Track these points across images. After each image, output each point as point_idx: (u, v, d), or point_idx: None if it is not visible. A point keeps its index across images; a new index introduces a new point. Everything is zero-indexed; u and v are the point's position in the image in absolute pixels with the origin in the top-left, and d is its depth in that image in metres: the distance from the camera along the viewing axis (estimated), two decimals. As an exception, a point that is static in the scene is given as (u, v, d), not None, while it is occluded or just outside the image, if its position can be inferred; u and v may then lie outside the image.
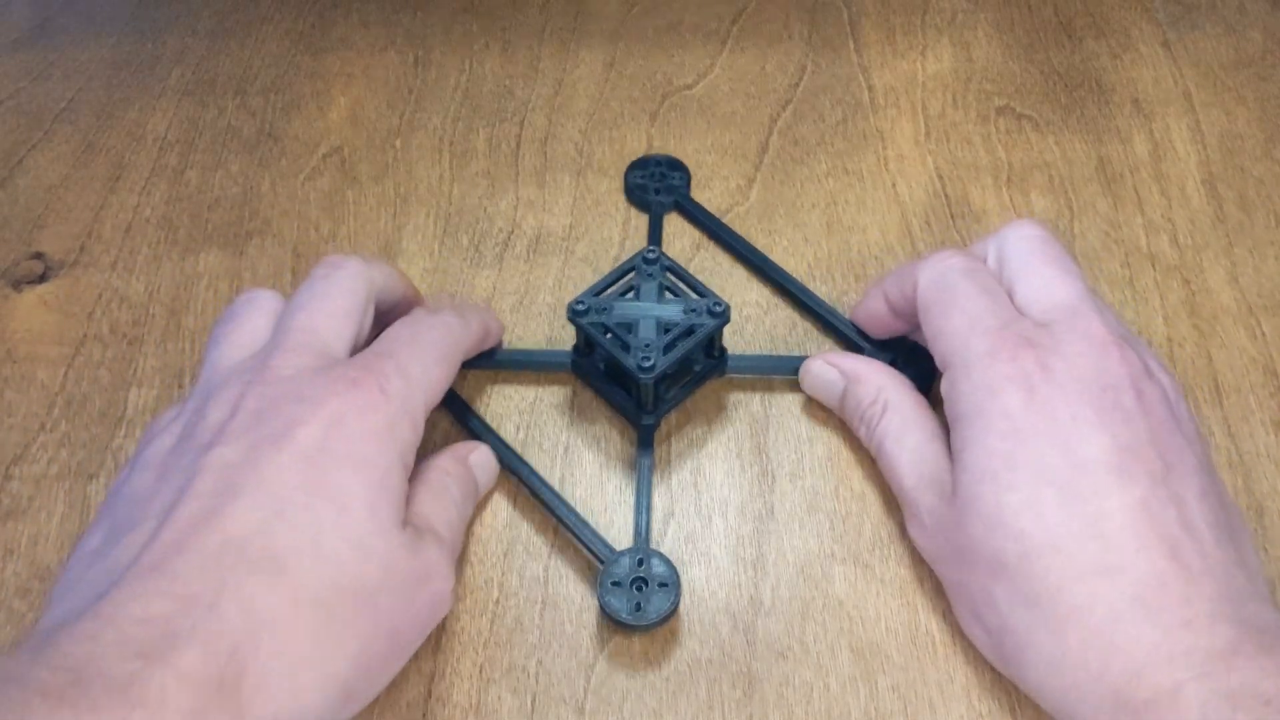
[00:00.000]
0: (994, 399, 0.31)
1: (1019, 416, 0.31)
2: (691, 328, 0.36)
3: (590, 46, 0.53)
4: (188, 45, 0.54)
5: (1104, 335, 0.32)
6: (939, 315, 0.34)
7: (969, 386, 0.32)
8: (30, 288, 0.44)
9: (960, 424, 0.32)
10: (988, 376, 0.32)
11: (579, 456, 0.38)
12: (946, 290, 0.35)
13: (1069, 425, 0.30)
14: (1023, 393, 0.31)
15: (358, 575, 0.28)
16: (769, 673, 0.33)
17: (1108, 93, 0.49)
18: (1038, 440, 0.30)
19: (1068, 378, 0.31)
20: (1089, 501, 0.29)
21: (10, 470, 0.39)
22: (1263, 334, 0.41)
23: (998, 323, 0.33)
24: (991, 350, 0.32)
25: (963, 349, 0.33)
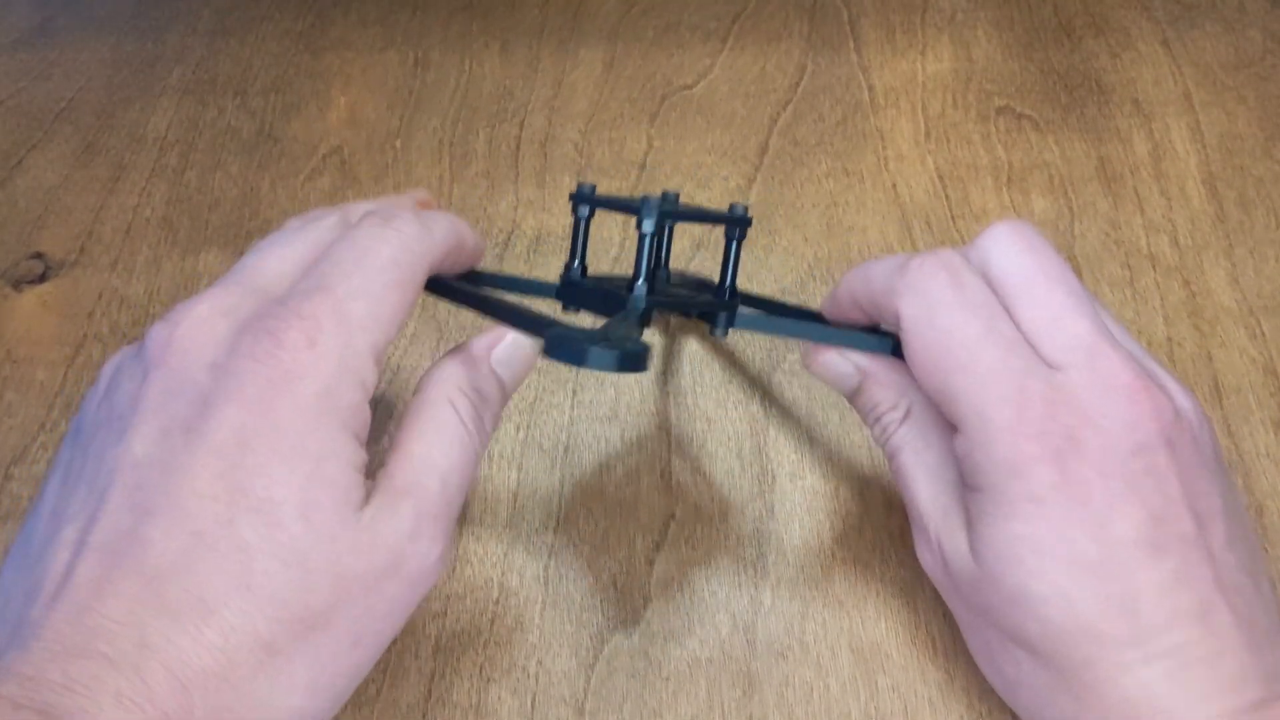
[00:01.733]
0: (1019, 480, 0.28)
1: (1047, 501, 0.28)
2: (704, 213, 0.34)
3: (589, 47, 0.53)
4: (188, 45, 0.54)
5: (1130, 382, 0.28)
6: (935, 370, 0.29)
7: (989, 462, 0.28)
8: (30, 288, 0.44)
9: (979, 495, 0.29)
10: (1011, 455, 0.28)
11: (579, 457, 0.38)
12: (943, 336, 0.29)
13: (1101, 504, 0.27)
14: (1052, 473, 0.27)
15: (299, 602, 0.24)
16: (769, 673, 0.33)
17: (1108, 92, 0.49)
18: (1067, 525, 0.27)
19: (1098, 449, 0.28)
20: (1120, 581, 0.27)
21: (10, 470, 0.39)
22: (1263, 334, 0.41)
23: (1014, 384, 0.28)
24: (1013, 423, 0.28)
25: (976, 418, 0.28)
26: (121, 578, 0.23)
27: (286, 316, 0.25)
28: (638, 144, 0.48)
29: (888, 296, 0.30)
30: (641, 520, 0.37)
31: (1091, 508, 0.28)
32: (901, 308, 0.30)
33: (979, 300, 0.29)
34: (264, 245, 0.30)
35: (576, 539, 0.36)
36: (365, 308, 0.26)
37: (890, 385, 0.32)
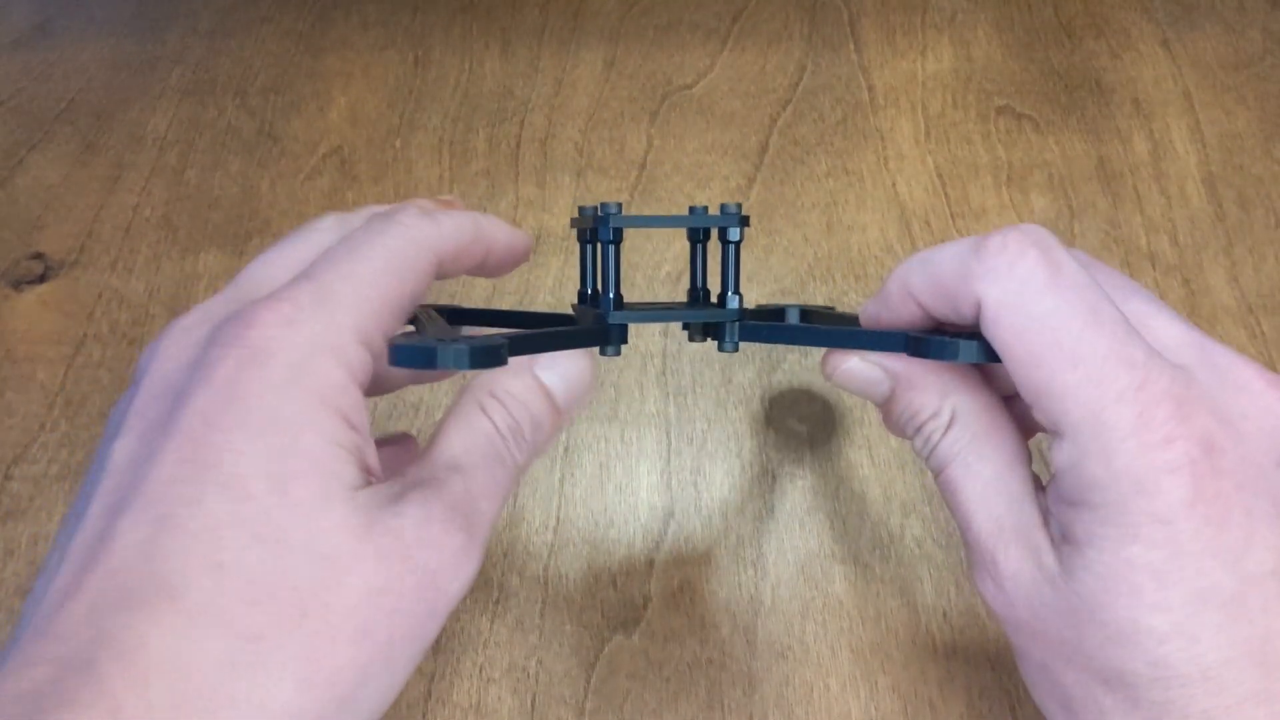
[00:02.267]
0: (1144, 497, 0.23)
1: (1180, 522, 0.23)
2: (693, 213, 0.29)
3: (590, 46, 0.53)
4: (188, 45, 0.54)
5: (1261, 380, 0.25)
6: (1035, 366, 0.24)
7: (1106, 474, 0.23)
8: (30, 288, 0.44)
9: (1087, 512, 0.24)
10: (1136, 466, 0.23)
11: (579, 457, 0.38)
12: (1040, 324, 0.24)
13: (1241, 527, 0.23)
14: (1187, 489, 0.23)
15: (279, 582, 0.21)
16: (769, 673, 0.33)
17: (1107, 92, 0.49)
18: (1200, 551, 0.23)
19: (1239, 459, 0.24)
20: (1256, 622, 0.23)
21: (10, 470, 0.39)
22: (1262, 333, 0.41)
23: (1134, 376, 0.23)
24: (1138, 423, 0.23)
25: (1090, 421, 0.24)
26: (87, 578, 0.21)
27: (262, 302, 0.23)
28: (638, 143, 0.48)
29: (962, 282, 0.25)
30: (641, 520, 0.37)
31: (1230, 532, 0.23)
32: (983, 293, 0.24)
33: (1081, 280, 0.24)
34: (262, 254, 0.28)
35: (576, 539, 0.36)
36: (351, 289, 0.24)
37: (929, 389, 0.28)
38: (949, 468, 0.27)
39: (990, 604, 0.27)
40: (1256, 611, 0.23)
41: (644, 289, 0.43)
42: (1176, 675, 0.23)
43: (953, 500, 0.27)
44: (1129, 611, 0.23)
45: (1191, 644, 0.23)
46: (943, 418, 0.27)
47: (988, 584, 0.26)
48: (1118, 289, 0.26)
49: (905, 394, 0.28)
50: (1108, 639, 0.24)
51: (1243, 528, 0.23)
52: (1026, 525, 0.26)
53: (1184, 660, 0.23)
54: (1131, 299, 0.26)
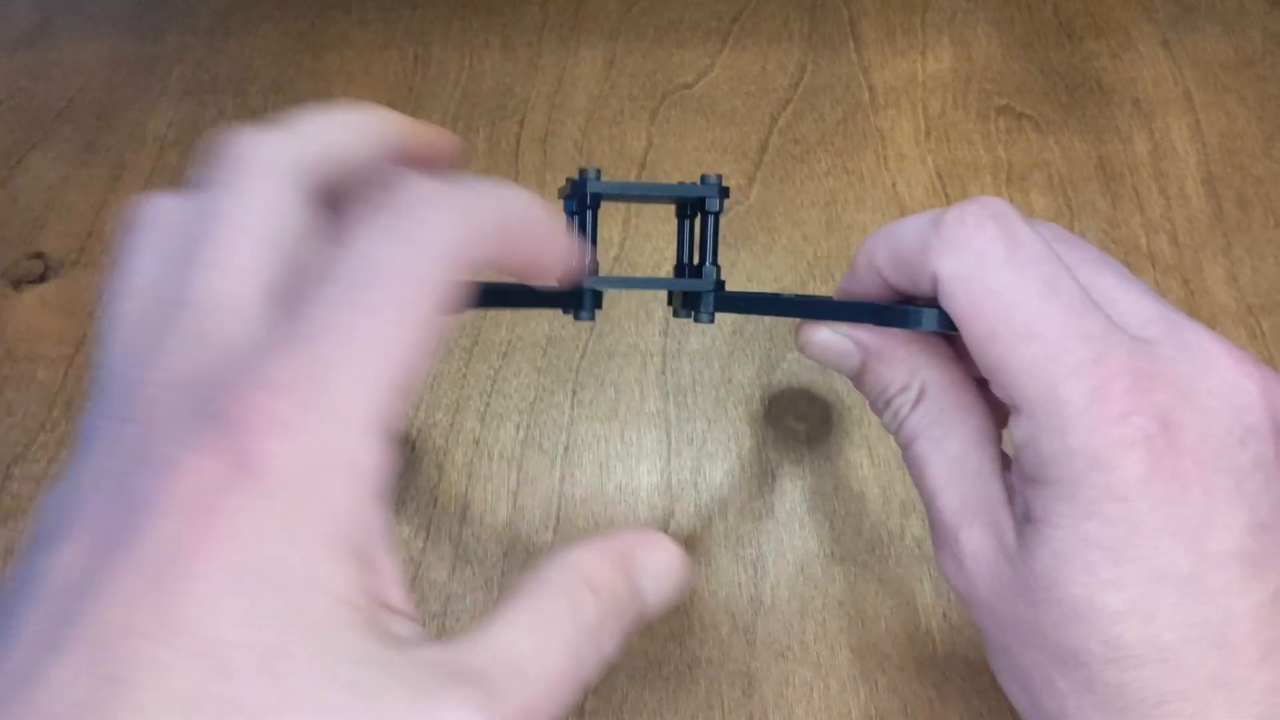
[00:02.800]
0: (1100, 473, 0.23)
1: (1136, 499, 0.22)
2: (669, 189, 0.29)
3: (590, 44, 0.53)
4: (188, 45, 0.54)
5: (1228, 356, 0.24)
6: (990, 340, 0.24)
7: (1062, 451, 0.23)
8: (30, 288, 0.44)
9: (1046, 488, 0.23)
10: (1091, 442, 0.23)
11: (579, 457, 0.38)
12: (996, 297, 0.23)
13: (1201, 505, 0.23)
14: (1142, 465, 0.22)
15: None
16: (769, 672, 0.33)
17: (1108, 92, 0.49)
18: (1157, 528, 0.23)
19: (1200, 435, 0.23)
20: (1214, 602, 0.23)
21: (10, 470, 0.39)
22: (1262, 333, 0.41)
23: (1089, 349, 0.23)
24: (1094, 397, 0.23)
25: (1045, 396, 0.23)
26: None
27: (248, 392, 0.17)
28: (638, 142, 0.48)
29: (921, 255, 0.24)
30: (641, 520, 0.37)
31: (1188, 509, 0.23)
32: (939, 267, 0.24)
33: (1039, 253, 0.24)
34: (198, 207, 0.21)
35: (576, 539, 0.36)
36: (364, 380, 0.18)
37: (898, 362, 0.27)
38: (916, 443, 0.27)
39: (952, 582, 0.26)
40: (1216, 592, 0.23)
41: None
42: (1131, 655, 0.23)
43: (918, 476, 0.27)
44: (1084, 589, 0.23)
45: (1147, 623, 0.23)
46: (911, 392, 0.27)
47: (949, 562, 0.26)
48: (1088, 263, 0.25)
49: (875, 367, 0.28)
50: (1063, 617, 0.23)
51: (1202, 506, 0.23)
52: (990, 503, 0.25)
53: (1139, 639, 0.23)
54: (1101, 272, 0.25)
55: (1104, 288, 0.25)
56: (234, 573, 0.17)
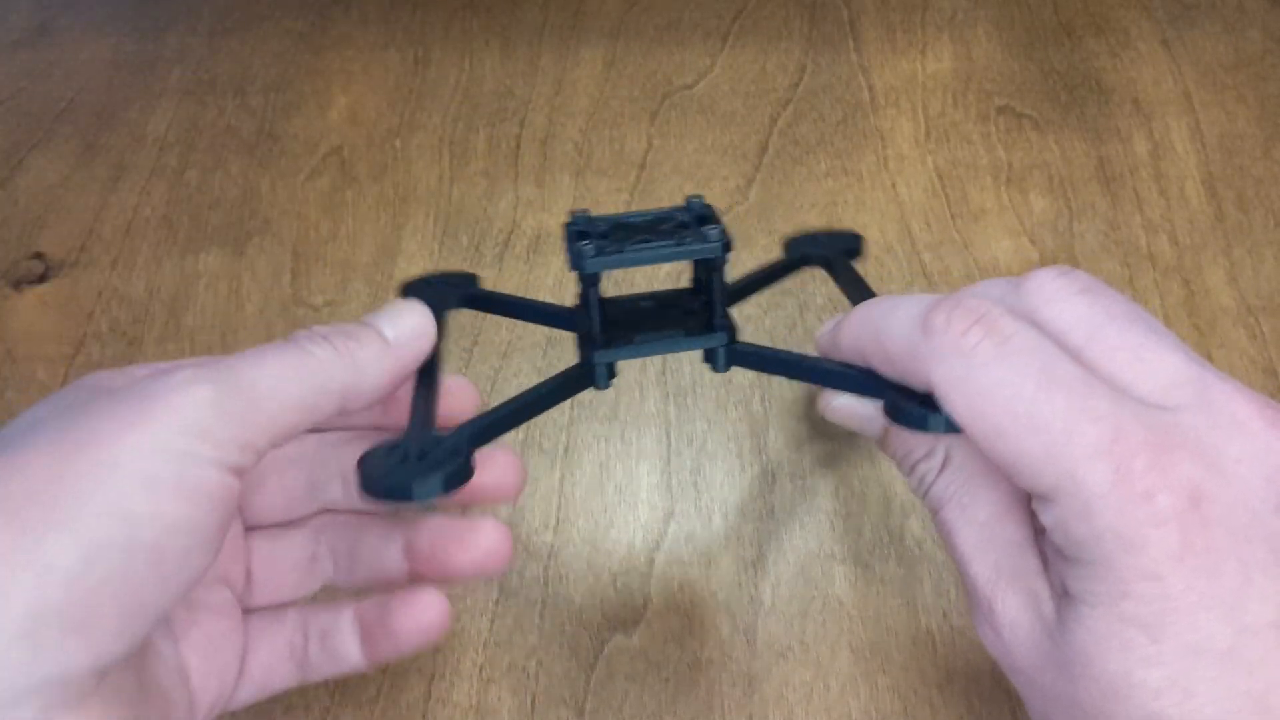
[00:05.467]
0: (1131, 554, 0.22)
1: (1169, 576, 0.22)
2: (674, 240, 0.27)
3: (590, 45, 0.53)
4: (188, 45, 0.54)
5: (1259, 419, 0.23)
6: (997, 440, 0.23)
7: (1091, 533, 0.23)
8: (30, 288, 0.44)
9: (1081, 569, 0.23)
10: (1120, 522, 0.22)
11: (579, 457, 0.38)
12: (991, 399, 0.23)
13: (1236, 578, 0.22)
14: (1174, 543, 0.22)
15: None
16: (769, 673, 0.33)
17: (1107, 92, 0.49)
18: (1193, 606, 0.22)
19: (1230, 505, 0.23)
20: (1255, 675, 0.22)
21: (11, 470, 0.39)
22: (1262, 334, 0.41)
23: (1106, 427, 0.23)
24: (1118, 478, 0.22)
25: (1066, 482, 0.23)
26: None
27: None
28: (638, 143, 0.48)
29: (913, 361, 0.25)
30: (641, 520, 0.37)
31: (1223, 583, 0.22)
32: (932, 374, 0.24)
33: (1027, 345, 0.24)
34: None
35: (576, 539, 0.36)
36: None
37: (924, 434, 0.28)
38: (944, 509, 0.27)
39: (990, 650, 0.26)
40: (1255, 663, 0.22)
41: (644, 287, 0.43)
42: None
43: (950, 542, 0.27)
44: (1121, 665, 0.23)
45: (1187, 698, 0.22)
46: (935, 459, 0.27)
47: (987, 631, 0.26)
48: (1116, 317, 0.25)
49: (899, 433, 0.28)
50: (1101, 694, 0.23)
51: (1237, 578, 0.22)
52: (1025, 572, 0.25)
53: (1179, 715, 0.22)
54: (1131, 327, 0.25)
55: (1133, 345, 0.24)
56: None
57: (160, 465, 0.22)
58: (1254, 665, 0.22)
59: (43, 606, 0.20)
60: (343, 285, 0.44)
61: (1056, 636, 0.24)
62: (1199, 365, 0.24)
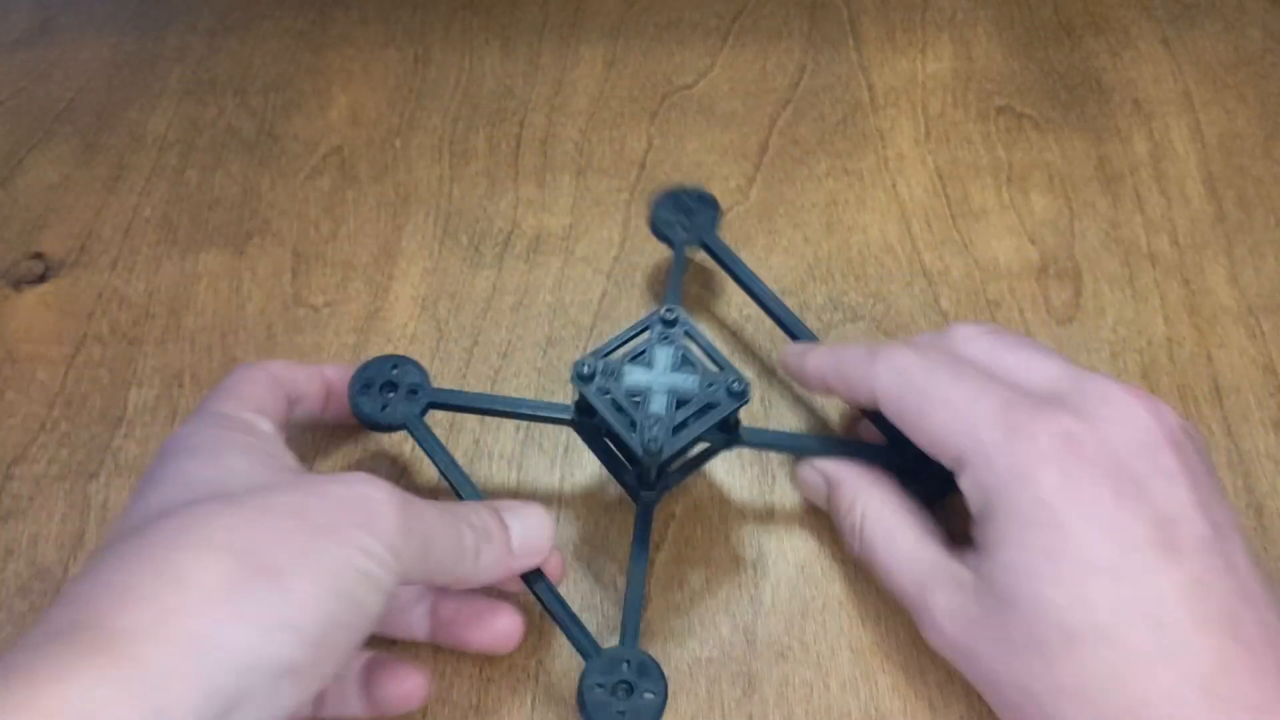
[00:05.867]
0: (1025, 487, 0.28)
1: (1056, 504, 0.28)
2: (707, 405, 0.32)
3: (590, 44, 0.53)
4: (188, 44, 0.54)
5: (1123, 391, 0.29)
6: (918, 416, 0.31)
7: (993, 478, 0.29)
8: (30, 288, 0.44)
9: (991, 519, 0.29)
10: (1013, 462, 0.28)
11: (579, 456, 0.38)
12: (915, 390, 0.31)
13: (1111, 504, 0.27)
14: (1056, 474, 0.28)
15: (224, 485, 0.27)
16: (769, 672, 0.33)
17: (1107, 92, 0.49)
18: (1080, 528, 0.27)
19: (1100, 449, 0.28)
20: (1139, 583, 0.27)
21: (10, 470, 0.39)
22: (1262, 333, 0.41)
23: (999, 401, 0.29)
24: (1008, 432, 0.29)
25: (971, 441, 0.29)
26: None
27: None
28: (638, 142, 0.48)
29: (863, 382, 0.33)
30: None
31: (1101, 508, 0.27)
32: (876, 384, 0.32)
33: (946, 359, 0.32)
34: None
35: (576, 539, 0.36)
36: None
37: (846, 485, 0.34)
38: (875, 554, 0.32)
39: (939, 648, 0.30)
40: (1138, 574, 0.27)
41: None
42: (1081, 640, 0.26)
43: (885, 578, 0.32)
44: (1032, 588, 0.27)
45: (1087, 610, 0.27)
46: (857, 512, 0.33)
47: (929, 629, 0.30)
48: (1012, 346, 0.32)
49: (832, 494, 0.34)
50: (1022, 620, 0.27)
51: (1112, 504, 0.27)
52: (947, 569, 0.30)
53: (1084, 624, 0.27)
54: (1022, 349, 0.32)
55: (1022, 360, 0.31)
56: None
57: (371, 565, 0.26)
58: (1136, 576, 0.27)
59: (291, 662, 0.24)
60: (343, 285, 0.44)
61: (982, 597, 0.29)
62: (1078, 369, 0.31)
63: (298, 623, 0.24)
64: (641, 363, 0.33)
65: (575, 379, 0.33)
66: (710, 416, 0.32)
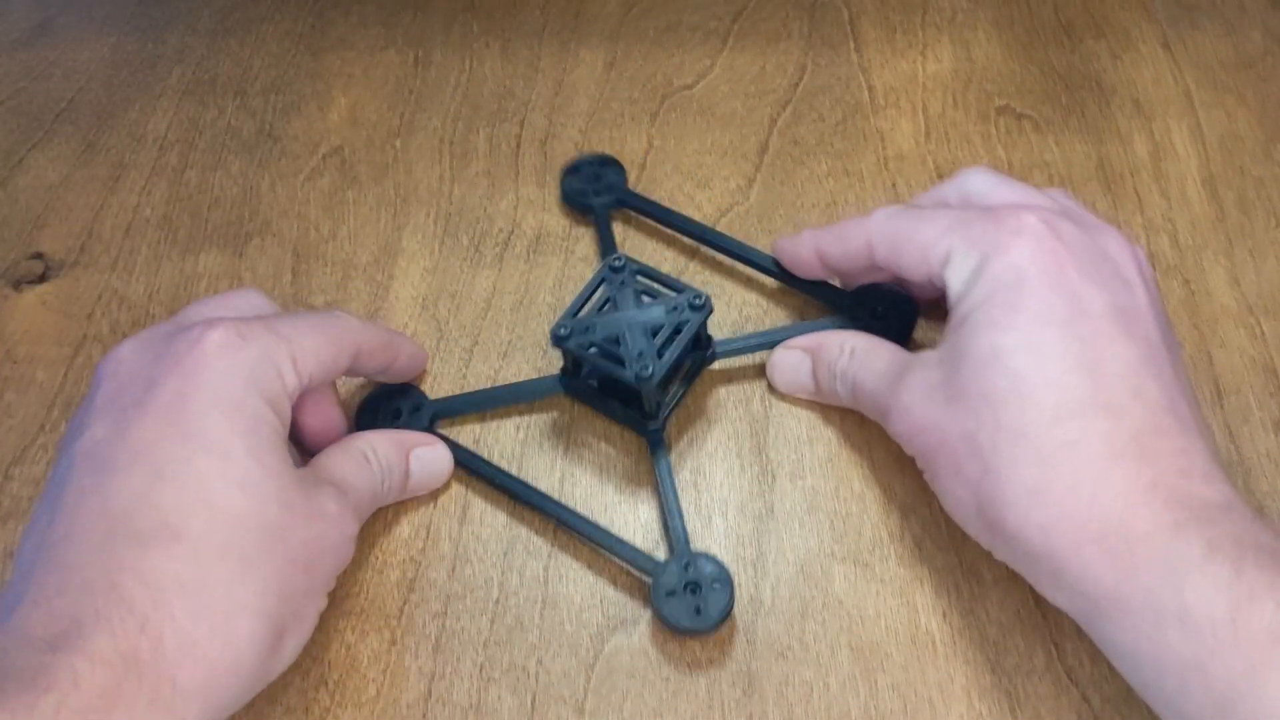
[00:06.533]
0: (1001, 253, 0.31)
1: (1027, 267, 0.30)
2: (678, 326, 0.36)
3: (590, 46, 0.53)
4: (188, 45, 0.54)
5: (1097, 219, 0.32)
6: (911, 232, 0.34)
7: (976, 255, 0.31)
8: (30, 288, 0.44)
9: (966, 296, 0.31)
10: (994, 236, 0.31)
11: (578, 457, 0.38)
12: (909, 216, 0.34)
13: (1076, 280, 0.30)
14: (1030, 244, 0.30)
15: (258, 517, 0.28)
16: (769, 672, 0.33)
17: (1108, 93, 0.49)
18: (1043, 285, 0.30)
19: (1074, 240, 0.31)
20: (1089, 345, 0.29)
21: (10, 471, 0.39)
22: (1262, 334, 0.41)
23: (968, 213, 0.33)
24: (995, 218, 0.32)
25: (960, 234, 0.32)
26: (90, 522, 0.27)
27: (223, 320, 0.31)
28: (638, 143, 0.48)
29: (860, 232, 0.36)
30: (641, 520, 0.37)
31: (1066, 280, 0.30)
32: (872, 227, 0.35)
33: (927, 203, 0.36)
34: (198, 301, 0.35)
35: (576, 539, 0.36)
36: (291, 331, 0.32)
37: (832, 340, 0.37)
38: (858, 376, 0.35)
39: (900, 431, 0.33)
40: (1089, 335, 0.29)
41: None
42: (1027, 381, 0.29)
43: (864, 396, 0.35)
44: (988, 336, 0.30)
45: (1037, 354, 0.29)
46: (845, 351, 0.36)
47: (896, 416, 0.33)
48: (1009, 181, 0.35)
49: (819, 355, 0.37)
50: (973, 368, 0.30)
51: (1076, 278, 0.30)
52: (918, 359, 0.33)
53: (1032, 369, 0.29)
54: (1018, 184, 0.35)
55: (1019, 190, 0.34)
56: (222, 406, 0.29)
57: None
58: (1088, 337, 0.29)
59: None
60: (343, 285, 0.44)
61: (944, 363, 0.31)
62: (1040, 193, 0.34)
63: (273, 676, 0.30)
64: (608, 311, 0.37)
65: (555, 341, 0.36)
66: (684, 334, 0.36)
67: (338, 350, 0.34)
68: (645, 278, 0.38)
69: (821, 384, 0.37)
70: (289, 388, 0.31)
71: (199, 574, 0.27)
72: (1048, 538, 0.28)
